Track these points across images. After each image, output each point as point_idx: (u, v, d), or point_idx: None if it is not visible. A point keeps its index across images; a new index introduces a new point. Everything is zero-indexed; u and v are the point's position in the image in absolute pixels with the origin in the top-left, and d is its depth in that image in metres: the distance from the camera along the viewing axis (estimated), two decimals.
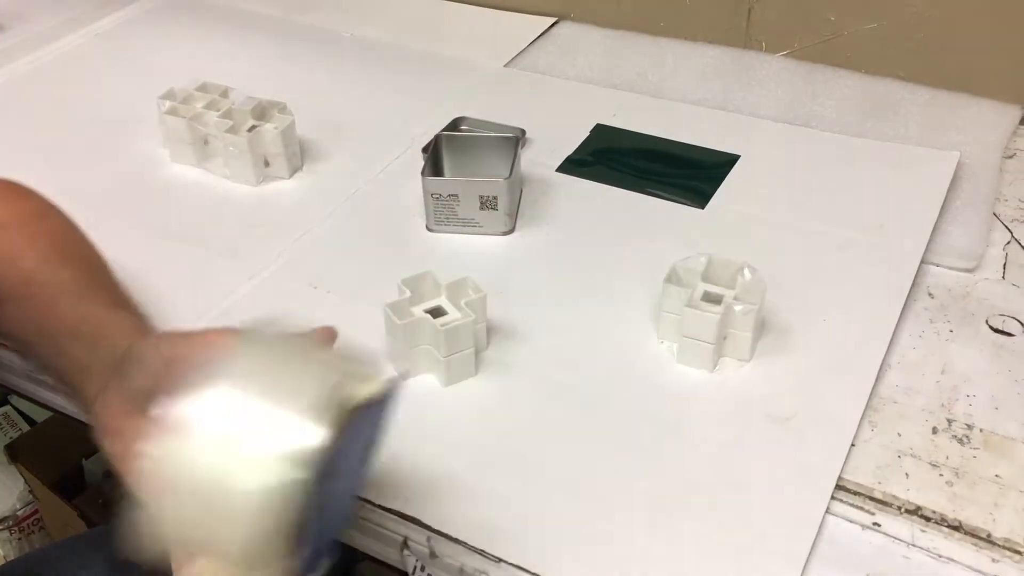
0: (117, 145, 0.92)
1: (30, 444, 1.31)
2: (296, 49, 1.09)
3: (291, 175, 0.88)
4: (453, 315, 0.66)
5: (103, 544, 0.83)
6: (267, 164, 0.87)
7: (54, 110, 0.99)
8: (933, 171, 0.85)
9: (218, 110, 0.87)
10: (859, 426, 0.63)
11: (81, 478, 1.25)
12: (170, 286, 0.75)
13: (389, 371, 0.66)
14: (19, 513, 1.34)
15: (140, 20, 1.16)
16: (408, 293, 0.66)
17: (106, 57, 1.08)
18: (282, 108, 0.87)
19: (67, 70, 1.06)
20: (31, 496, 1.33)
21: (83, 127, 0.96)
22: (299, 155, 0.89)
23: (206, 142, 0.87)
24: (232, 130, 0.85)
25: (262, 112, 0.87)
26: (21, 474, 1.31)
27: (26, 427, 1.39)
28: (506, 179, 0.77)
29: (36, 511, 1.35)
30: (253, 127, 0.86)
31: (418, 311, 0.66)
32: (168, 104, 0.88)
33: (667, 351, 0.69)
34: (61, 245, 0.63)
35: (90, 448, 1.23)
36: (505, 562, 0.55)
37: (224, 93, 0.90)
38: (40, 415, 1.39)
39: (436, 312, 0.66)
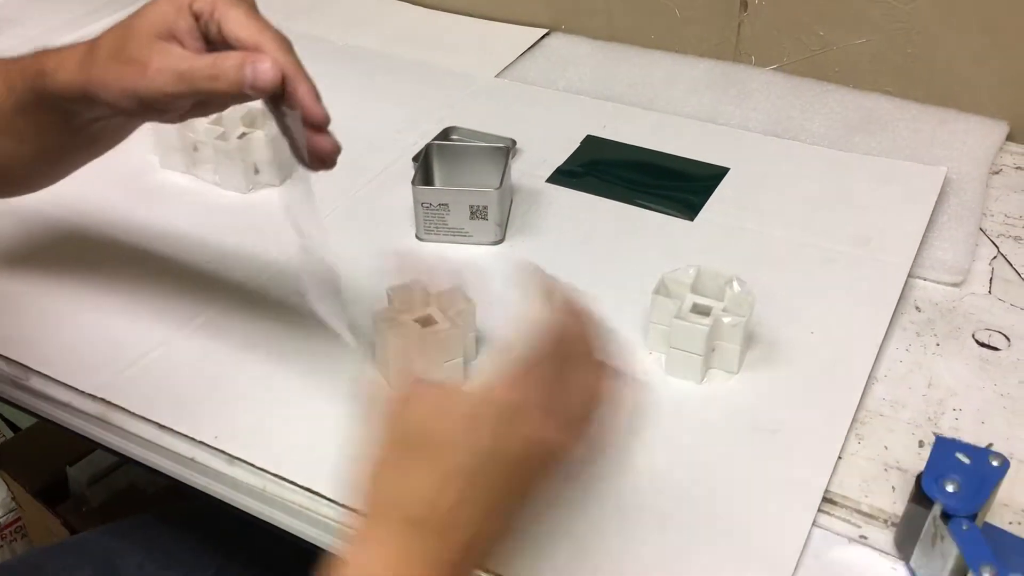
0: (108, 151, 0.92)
1: (13, 451, 1.30)
2: None
3: (281, 182, 0.87)
4: (442, 324, 0.66)
5: (85, 552, 0.82)
6: (257, 171, 0.87)
7: None
8: (920, 186, 0.86)
9: (208, 117, 0.87)
10: (846, 439, 0.63)
11: (65, 486, 1.24)
12: (158, 292, 0.75)
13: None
14: (1, 521, 1.33)
15: None
16: (397, 302, 0.66)
17: None
18: None
19: None
20: (14, 503, 1.32)
21: None
22: (289, 162, 0.88)
23: (196, 148, 0.87)
24: (222, 137, 0.85)
25: (252, 119, 0.87)
26: (4, 481, 1.30)
27: (10, 434, 1.38)
28: (496, 189, 0.78)
29: (19, 519, 1.34)
30: (243, 134, 0.86)
31: (407, 320, 0.66)
32: None
33: (655, 362, 0.69)
34: None
35: (74, 455, 1.22)
36: (492, 572, 0.55)
37: None
38: (24, 422, 1.38)
39: (425, 321, 0.66)
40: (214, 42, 0.54)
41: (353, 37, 1.13)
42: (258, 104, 0.87)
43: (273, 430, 0.64)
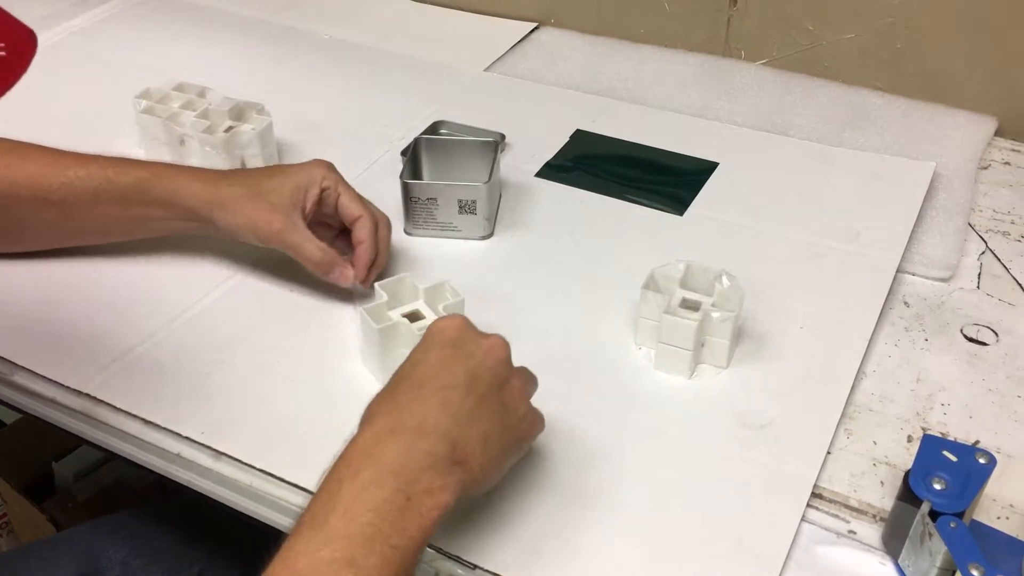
0: (93, 144, 0.90)
1: None
2: (275, 50, 1.09)
3: None
4: (431, 319, 0.65)
5: (71, 548, 0.81)
6: (244, 165, 0.86)
7: (28, 108, 0.98)
8: (909, 181, 0.86)
9: (195, 110, 0.86)
10: (835, 434, 0.63)
11: (51, 482, 1.23)
12: (147, 286, 0.74)
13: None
14: None
15: (117, 18, 1.15)
16: (385, 297, 0.66)
17: (82, 55, 1.07)
18: (260, 109, 0.87)
19: (42, 68, 1.04)
20: None
21: (58, 126, 0.94)
22: (276, 157, 0.88)
23: (182, 142, 0.86)
24: (209, 131, 0.84)
25: (239, 113, 0.87)
26: None
27: None
28: (485, 183, 0.77)
29: (4, 514, 1.33)
30: (230, 128, 0.85)
31: (395, 315, 0.66)
32: (144, 103, 0.87)
33: (645, 357, 0.68)
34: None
35: (60, 451, 1.21)
36: (480, 568, 0.55)
37: (201, 93, 0.89)
38: (9, 417, 1.37)
39: (414, 316, 0.66)
40: (328, 207, 0.72)
41: (341, 31, 1.12)
42: (245, 98, 0.87)
43: (259, 426, 0.63)
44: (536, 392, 0.59)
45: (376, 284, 0.66)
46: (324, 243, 0.70)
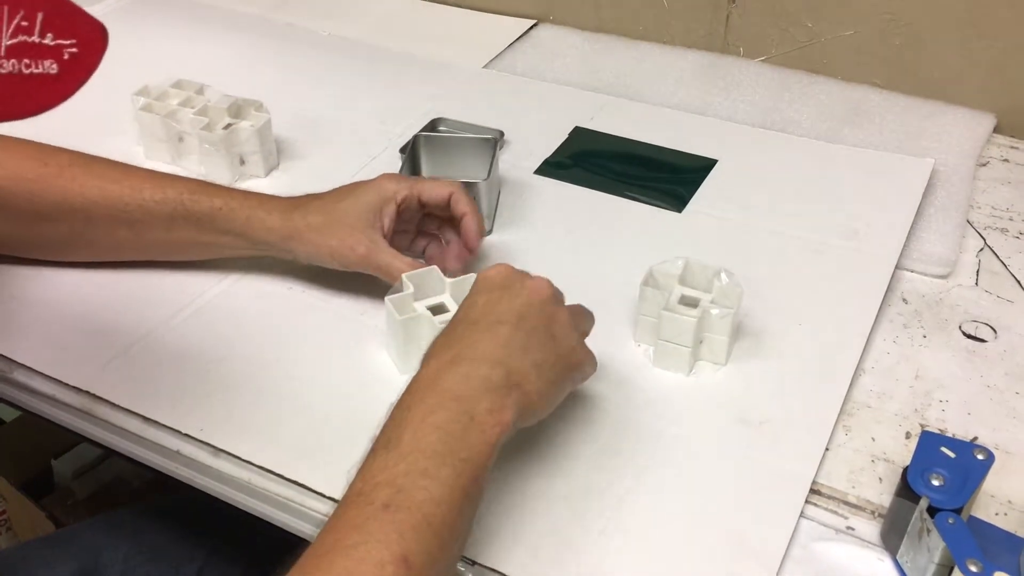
0: (91, 142, 0.90)
1: None
2: (274, 47, 1.09)
3: (267, 174, 0.87)
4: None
5: (72, 545, 0.82)
6: (243, 162, 0.86)
7: None
8: (908, 178, 0.86)
9: (193, 107, 0.86)
10: (833, 430, 0.63)
11: (50, 479, 1.23)
12: (146, 284, 0.74)
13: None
14: None
15: (115, 15, 1.15)
16: (411, 288, 0.66)
17: None
18: (258, 106, 0.87)
19: None
20: None
21: (56, 123, 0.94)
22: (275, 154, 0.88)
23: (181, 139, 0.86)
24: (207, 128, 0.84)
25: (238, 110, 0.86)
26: None
27: None
28: (484, 180, 0.77)
29: (3, 512, 1.33)
30: (229, 125, 0.85)
31: (420, 307, 0.66)
32: (142, 101, 0.87)
33: (643, 354, 0.68)
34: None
35: (59, 448, 1.21)
36: (479, 564, 0.55)
37: (200, 90, 0.89)
38: (8, 414, 1.37)
39: (438, 309, 0.66)
40: (410, 212, 0.72)
41: (340, 27, 1.12)
42: (243, 94, 0.87)
43: (258, 422, 0.63)
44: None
45: (404, 275, 0.66)
46: (407, 256, 0.69)
